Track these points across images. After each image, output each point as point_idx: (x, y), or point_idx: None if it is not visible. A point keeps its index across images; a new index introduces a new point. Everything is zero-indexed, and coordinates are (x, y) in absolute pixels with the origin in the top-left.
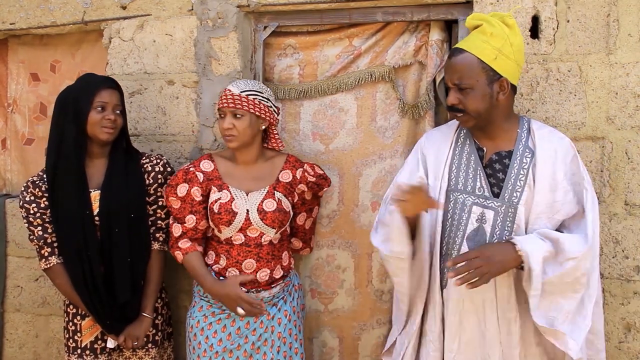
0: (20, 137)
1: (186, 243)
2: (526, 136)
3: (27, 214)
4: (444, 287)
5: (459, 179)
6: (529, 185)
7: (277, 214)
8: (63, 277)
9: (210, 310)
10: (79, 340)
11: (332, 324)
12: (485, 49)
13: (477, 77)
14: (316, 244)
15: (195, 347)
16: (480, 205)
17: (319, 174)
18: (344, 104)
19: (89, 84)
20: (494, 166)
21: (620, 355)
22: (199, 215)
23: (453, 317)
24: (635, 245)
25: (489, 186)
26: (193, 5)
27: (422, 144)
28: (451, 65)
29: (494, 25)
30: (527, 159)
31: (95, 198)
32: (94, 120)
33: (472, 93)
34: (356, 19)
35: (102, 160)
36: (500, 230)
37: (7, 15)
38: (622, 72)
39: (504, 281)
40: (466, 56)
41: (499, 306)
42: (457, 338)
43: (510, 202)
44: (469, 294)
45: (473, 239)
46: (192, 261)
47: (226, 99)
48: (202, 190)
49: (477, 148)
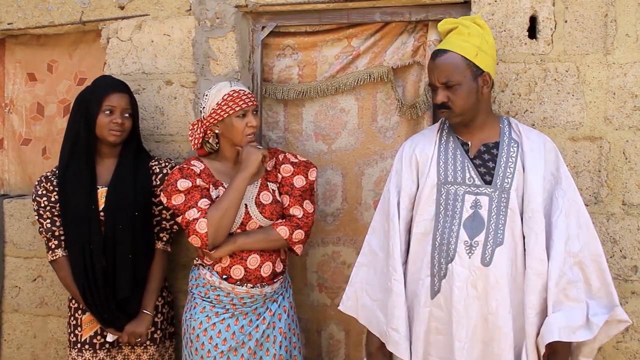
0: (17, 137)
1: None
2: (509, 129)
3: (37, 207)
4: (443, 278)
5: (448, 172)
6: (518, 171)
7: (274, 206)
8: (67, 270)
9: (213, 311)
10: (79, 335)
11: (338, 318)
12: (466, 47)
13: (464, 73)
14: (322, 241)
15: (198, 348)
16: (472, 193)
17: (302, 160)
18: (345, 104)
19: (98, 87)
20: (482, 157)
21: (618, 355)
22: (210, 199)
23: (458, 304)
24: (633, 245)
25: (480, 175)
26: (191, 6)
27: (404, 149)
28: (437, 66)
29: (469, 26)
30: (514, 148)
31: (102, 194)
32: (102, 123)
33: (460, 89)
34: (354, 19)
35: (112, 159)
36: (497, 214)
37: (4, 15)
38: (620, 73)
39: (502, 264)
40: (450, 55)
41: (499, 285)
42: (464, 326)
43: (503, 188)
44: (471, 278)
45: (470, 225)
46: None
47: (248, 98)
48: (204, 182)
49: (461, 143)
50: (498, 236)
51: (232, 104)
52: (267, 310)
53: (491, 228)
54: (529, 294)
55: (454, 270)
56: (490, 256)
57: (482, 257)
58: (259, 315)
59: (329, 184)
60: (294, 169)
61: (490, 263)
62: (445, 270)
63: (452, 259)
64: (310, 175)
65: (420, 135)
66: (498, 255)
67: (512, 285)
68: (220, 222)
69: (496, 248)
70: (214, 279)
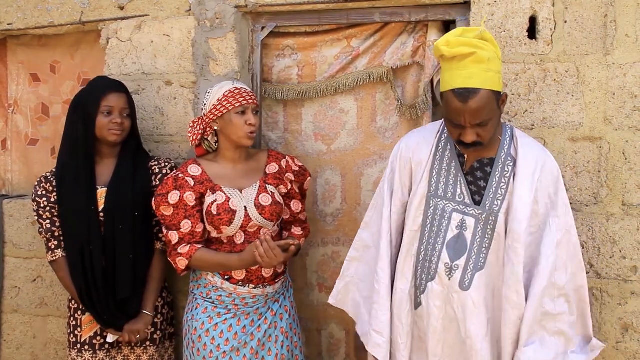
0: (23, 137)
1: (185, 247)
2: (509, 143)
3: (37, 208)
4: (422, 293)
5: (439, 184)
6: (510, 193)
7: (274, 207)
8: (66, 270)
9: (215, 311)
10: (79, 335)
11: (338, 317)
12: (492, 78)
13: (493, 107)
14: (322, 241)
15: (200, 349)
16: (460, 212)
17: (300, 165)
18: (344, 105)
19: (96, 88)
20: (475, 174)
21: (617, 355)
22: (194, 219)
23: (436, 322)
24: (633, 245)
25: (470, 193)
26: (191, 6)
27: (401, 149)
28: (470, 108)
29: (485, 49)
30: (509, 167)
31: (102, 195)
32: (102, 124)
33: (490, 123)
34: (354, 19)
35: (111, 159)
36: (481, 237)
37: (4, 16)
38: (620, 73)
39: (481, 289)
40: (482, 94)
41: (477, 310)
42: (441, 343)
43: (492, 210)
44: (449, 300)
45: (453, 247)
46: (202, 257)
47: (248, 96)
48: (195, 194)
49: (457, 154)
50: (480, 260)
51: (232, 100)
52: (268, 310)
53: (473, 252)
54: (505, 325)
55: (433, 289)
56: (469, 281)
57: (460, 280)
58: (261, 315)
59: (328, 185)
60: (295, 178)
61: (469, 287)
62: (425, 287)
63: (433, 278)
64: (305, 185)
65: (419, 134)
66: (477, 280)
67: (492, 309)
68: (200, 267)
69: (476, 273)
70: (215, 279)
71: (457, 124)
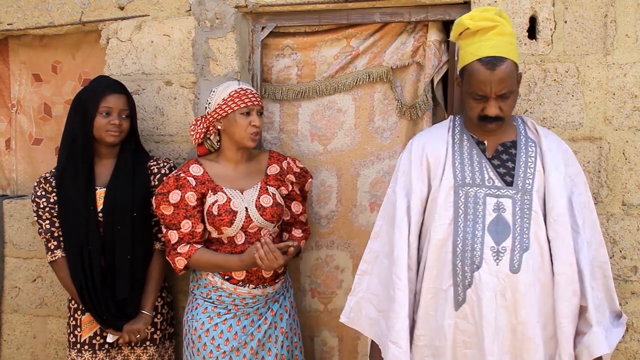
0: (27, 137)
1: (185, 247)
2: (524, 128)
3: (37, 208)
4: (469, 287)
5: (465, 173)
6: (539, 172)
7: (275, 208)
8: (66, 271)
9: (215, 311)
10: (78, 335)
11: (331, 324)
12: (513, 50)
13: (514, 80)
14: (315, 244)
15: (200, 349)
16: (493, 195)
17: (301, 167)
18: (342, 104)
19: (95, 89)
20: (501, 157)
21: (618, 355)
22: (194, 219)
23: (489, 315)
24: (633, 245)
25: (500, 176)
26: (191, 6)
27: (413, 149)
28: (497, 76)
29: (505, 24)
30: (532, 148)
31: (101, 195)
32: (100, 125)
33: (512, 97)
34: (354, 19)
35: (110, 160)
36: (521, 217)
37: (4, 16)
38: (620, 73)
39: (530, 270)
40: (509, 63)
41: (529, 293)
42: (496, 339)
43: (525, 189)
44: (500, 287)
45: (495, 229)
46: (201, 257)
47: (254, 97)
48: (197, 194)
49: (476, 142)
50: (524, 241)
51: (238, 100)
52: (268, 311)
53: (517, 232)
54: (561, 301)
55: (482, 279)
56: (518, 262)
57: (510, 263)
58: (261, 315)
59: (323, 186)
60: (296, 180)
61: (519, 270)
62: (471, 279)
63: (479, 266)
64: (306, 186)
65: (428, 133)
66: (526, 261)
67: (541, 292)
68: (199, 268)
69: (524, 253)
70: (215, 279)
71: (481, 96)
